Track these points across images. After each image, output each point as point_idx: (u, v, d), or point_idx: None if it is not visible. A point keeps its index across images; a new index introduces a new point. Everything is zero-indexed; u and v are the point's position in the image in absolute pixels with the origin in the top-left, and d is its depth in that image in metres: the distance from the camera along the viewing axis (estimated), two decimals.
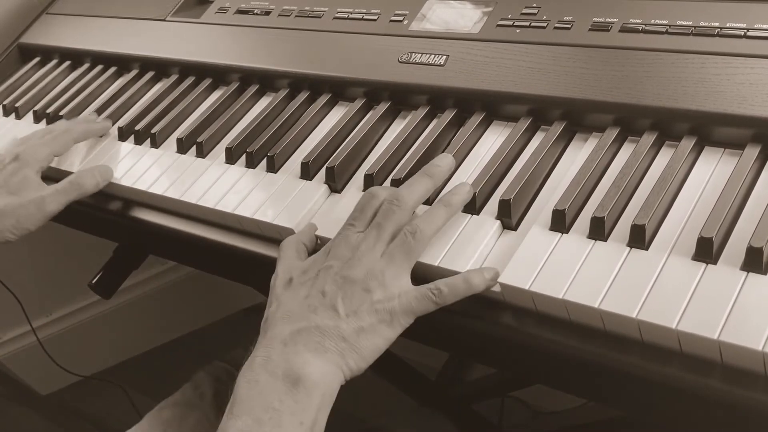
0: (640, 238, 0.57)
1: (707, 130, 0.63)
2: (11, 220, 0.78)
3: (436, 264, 0.61)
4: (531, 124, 0.71)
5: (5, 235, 0.79)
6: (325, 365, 0.56)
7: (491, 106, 0.73)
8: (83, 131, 0.88)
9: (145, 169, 0.84)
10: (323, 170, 0.74)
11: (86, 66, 1.07)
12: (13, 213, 0.78)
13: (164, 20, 1.01)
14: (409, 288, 0.59)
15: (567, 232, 0.60)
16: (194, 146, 0.84)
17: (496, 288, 0.59)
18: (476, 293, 0.59)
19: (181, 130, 0.88)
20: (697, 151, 0.63)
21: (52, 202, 0.80)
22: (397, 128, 0.77)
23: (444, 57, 0.77)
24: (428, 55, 0.78)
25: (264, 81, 0.89)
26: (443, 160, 0.67)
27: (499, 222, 0.63)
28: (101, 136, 0.91)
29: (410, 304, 0.59)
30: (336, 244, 0.62)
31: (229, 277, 0.84)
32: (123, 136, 0.91)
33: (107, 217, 0.84)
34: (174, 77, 0.97)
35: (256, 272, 0.70)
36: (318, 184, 0.74)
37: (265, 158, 0.78)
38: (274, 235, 0.72)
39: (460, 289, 0.59)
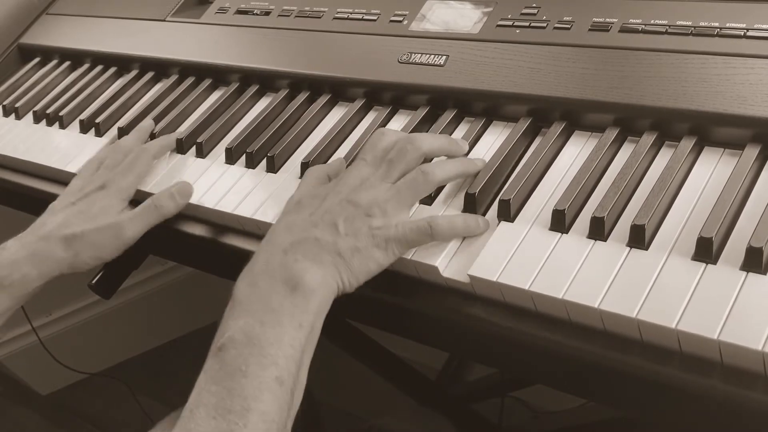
0: (639, 238, 0.57)
1: (707, 130, 0.63)
2: (88, 249, 0.74)
3: (435, 264, 0.61)
4: (531, 124, 0.71)
5: (79, 266, 0.74)
6: (322, 274, 0.58)
7: (491, 106, 0.73)
8: (160, 146, 0.84)
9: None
10: None
11: (86, 66, 1.07)
12: (90, 241, 0.74)
13: (164, 20, 1.01)
14: (407, 220, 0.62)
15: (567, 232, 0.60)
16: (194, 146, 0.84)
17: (496, 288, 0.59)
18: (471, 235, 0.63)
19: (181, 131, 0.88)
20: (697, 151, 0.63)
21: (129, 228, 0.75)
22: (396, 128, 0.77)
23: (444, 57, 0.77)
24: (428, 56, 0.78)
25: (264, 81, 0.89)
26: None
27: (499, 222, 0.63)
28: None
29: (406, 234, 0.61)
30: (346, 175, 0.65)
31: (229, 277, 0.83)
32: (123, 136, 0.90)
33: None
34: (174, 77, 0.97)
35: None
36: None
37: (265, 158, 0.78)
38: None
39: (458, 226, 0.62)
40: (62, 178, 0.87)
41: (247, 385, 0.52)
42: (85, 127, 0.95)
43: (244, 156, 0.80)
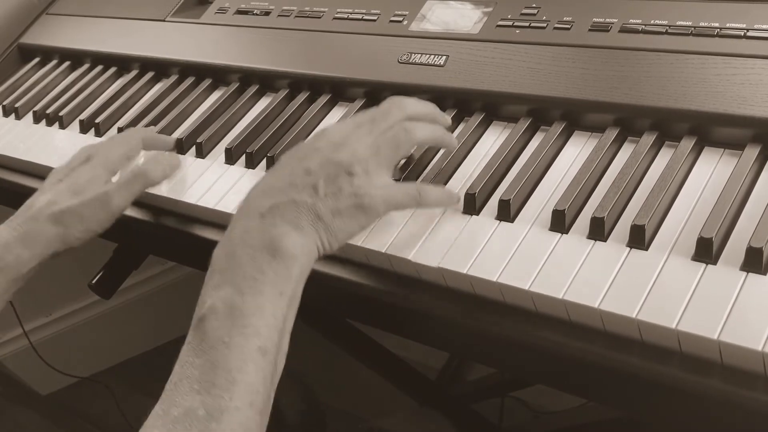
0: (639, 239, 0.57)
1: (707, 130, 0.63)
2: (77, 223, 0.73)
3: (435, 265, 0.61)
4: (531, 124, 0.71)
5: (71, 241, 0.74)
6: (302, 238, 0.57)
7: (491, 106, 0.73)
8: (154, 138, 0.84)
9: None
10: None
11: (86, 66, 1.07)
12: (78, 213, 0.73)
13: (164, 20, 1.01)
14: (392, 182, 0.62)
15: (567, 233, 0.60)
16: (194, 146, 0.84)
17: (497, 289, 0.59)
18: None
19: (181, 131, 0.88)
20: (697, 151, 0.63)
21: (116, 197, 0.74)
22: None
23: (444, 57, 0.77)
24: (428, 56, 0.78)
25: (264, 81, 0.89)
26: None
27: (499, 222, 0.63)
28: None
29: (393, 195, 0.60)
30: (328, 131, 0.63)
31: None
32: None
33: None
34: (174, 77, 0.97)
35: None
36: None
37: (265, 158, 0.78)
38: None
39: (442, 196, 0.64)
40: None
41: (231, 356, 0.51)
42: (85, 127, 0.95)
43: (244, 156, 0.80)
